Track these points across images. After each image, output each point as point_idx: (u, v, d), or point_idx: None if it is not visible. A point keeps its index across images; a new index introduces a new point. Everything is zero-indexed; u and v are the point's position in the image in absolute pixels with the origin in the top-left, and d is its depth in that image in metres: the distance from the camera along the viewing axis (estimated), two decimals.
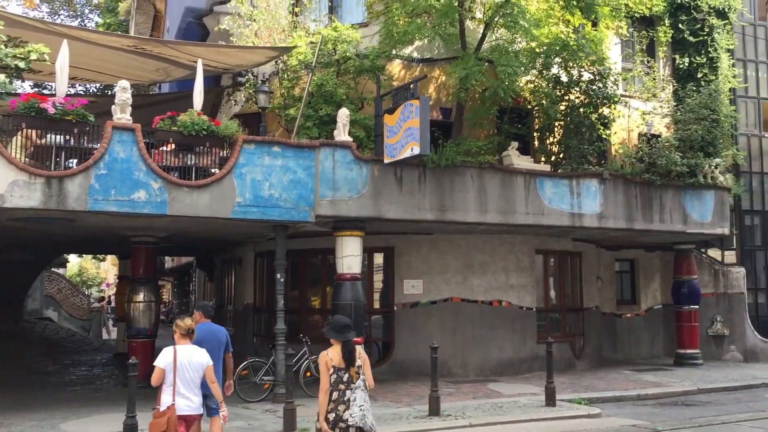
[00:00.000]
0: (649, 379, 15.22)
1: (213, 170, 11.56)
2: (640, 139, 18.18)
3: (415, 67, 15.75)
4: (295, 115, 13.32)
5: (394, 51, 14.77)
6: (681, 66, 19.53)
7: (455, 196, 13.27)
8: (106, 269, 59.22)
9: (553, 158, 15.97)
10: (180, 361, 6.46)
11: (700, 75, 19.08)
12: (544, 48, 14.96)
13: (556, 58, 15.32)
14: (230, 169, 11.46)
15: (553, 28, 15.10)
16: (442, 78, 15.99)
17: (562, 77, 15.82)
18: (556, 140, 16.32)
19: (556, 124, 16.18)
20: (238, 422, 10.19)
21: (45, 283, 31.06)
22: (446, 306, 15.07)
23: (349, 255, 12.57)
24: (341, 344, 5.94)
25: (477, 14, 15.25)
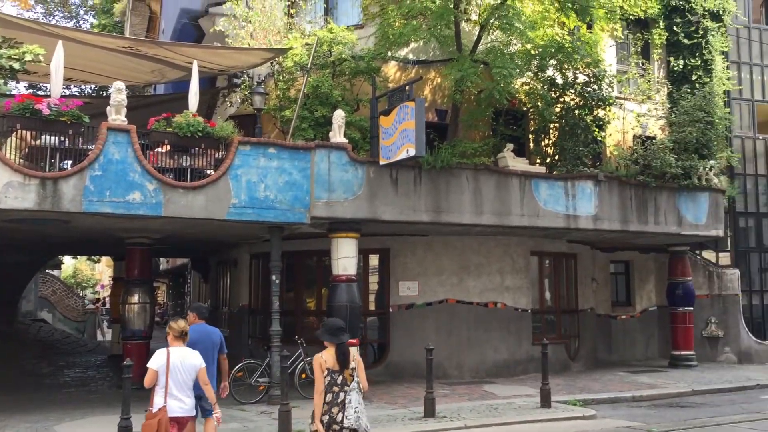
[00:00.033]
0: (643, 380, 15.25)
1: (208, 172, 11.56)
2: (635, 141, 18.24)
3: (411, 68, 15.76)
4: (290, 117, 13.32)
5: (389, 53, 14.77)
6: (675, 68, 19.58)
7: (451, 198, 13.29)
8: (101, 271, 59.16)
9: (549, 160, 16.00)
10: (173, 363, 6.46)
11: (694, 77, 19.12)
12: (540, 50, 14.99)
13: (552, 60, 15.36)
14: (225, 171, 11.45)
15: (549, 30, 15.17)
16: (438, 80, 16.00)
17: (557, 79, 15.86)
18: (551, 142, 16.35)
19: (552, 126, 16.22)
20: (233, 424, 10.18)
21: (39, 284, 30.98)
22: (441, 307, 15.08)
23: (345, 256, 12.58)
24: (335, 347, 5.96)
25: (472, 16, 15.29)
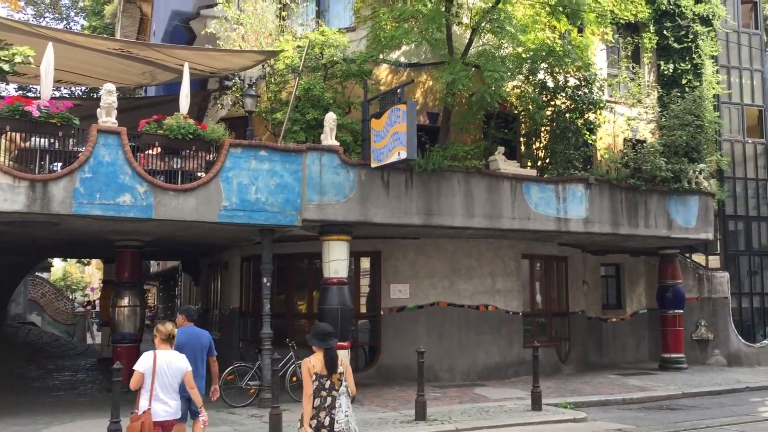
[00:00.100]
0: (634, 383, 15.30)
1: (199, 174, 11.53)
2: (626, 144, 18.32)
3: (402, 71, 15.78)
4: (282, 119, 13.30)
5: (381, 55, 14.80)
6: (666, 72, 19.69)
7: (442, 201, 13.30)
8: (91, 273, 58.88)
9: (540, 163, 16.05)
10: (159, 365, 6.45)
11: (684, 81, 19.24)
12: (531, 53, 15.04)
13: (543, 63, 15.41)
14: (217, 173, 11.42)
15: (540, 34, 15.21)
16: (429, 83, 16.02)
17: (549, 83, 15.92)
18: (542, 145, 16.41)
19: (543, 129, 16.28)
20: (224, 427, 10.15)
21: (29, 287, 30.83)
22: (433, 310, 15.08)
23: (336, 259, 12.57)
24: (323, 351, 5.96)
25: (464, 19, 15.33)
